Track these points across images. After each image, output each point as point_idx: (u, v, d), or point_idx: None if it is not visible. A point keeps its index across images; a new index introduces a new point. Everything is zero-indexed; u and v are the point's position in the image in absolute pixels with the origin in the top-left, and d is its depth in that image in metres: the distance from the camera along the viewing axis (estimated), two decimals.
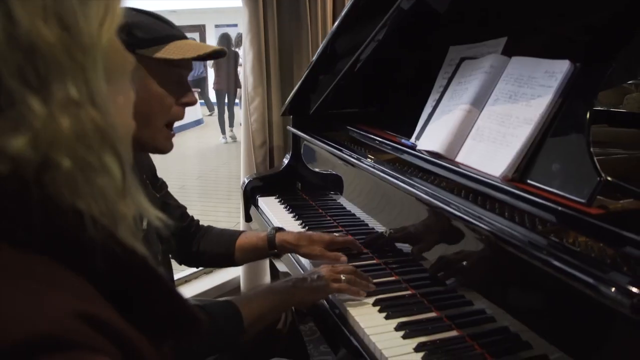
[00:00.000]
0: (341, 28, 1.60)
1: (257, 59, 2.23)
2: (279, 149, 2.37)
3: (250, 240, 1.46)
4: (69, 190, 0.38)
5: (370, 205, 1.49)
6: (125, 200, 0.42)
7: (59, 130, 0.37)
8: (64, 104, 0.38)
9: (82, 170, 0.39)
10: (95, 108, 0.40)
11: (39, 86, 0.37)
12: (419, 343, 0.97)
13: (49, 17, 0.38)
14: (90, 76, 0.40)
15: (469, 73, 1.31)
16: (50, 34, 0.38)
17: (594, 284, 0.72)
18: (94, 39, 0.41)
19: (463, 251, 1.06)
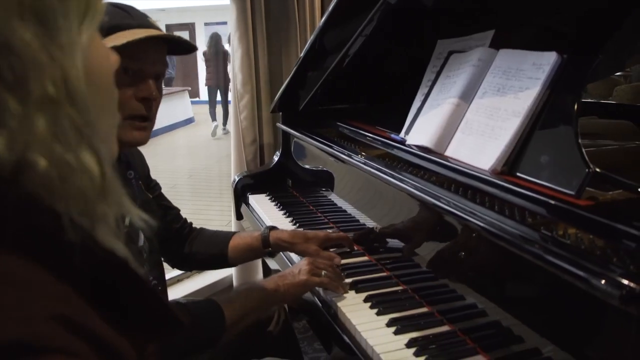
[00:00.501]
0: (329, 23, 1.59)
1: (245, 56, 2.21)
2: (269, 146, 2.36)
3: (245, 240, 1.44)
4: (46, 190, 0.37)
5: (361, 202, 1.49)
6: (105, 200, 0.41)
7: (34, 129, 0.36)
8: (41, 103, 0.37)
9: (59, 170, 0.38)
10: (74, 106, 0.39)
11: (16, 84, 0.36)
12: (411, 339, 0.96)
13: (26, 14, 0.37)
14: (69, 74, 0.39)
15: (457, 67, 1.31)
16: (26, 32, 0.37)
17: (583, 276, 0.71)
18: (73, 37, 0.41)
19: (453, 246, 1.05)
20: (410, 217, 1.20)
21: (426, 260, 1.13)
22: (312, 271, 1.20)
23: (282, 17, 2.29)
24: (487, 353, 0.93)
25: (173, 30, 13.96)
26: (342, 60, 1.68)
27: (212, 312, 1.10)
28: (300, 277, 1.19)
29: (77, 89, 0.40)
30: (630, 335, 0.64)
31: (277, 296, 1.19)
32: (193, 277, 2.54)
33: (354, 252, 1.40)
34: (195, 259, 1.46)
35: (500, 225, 0.89)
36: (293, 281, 1.19)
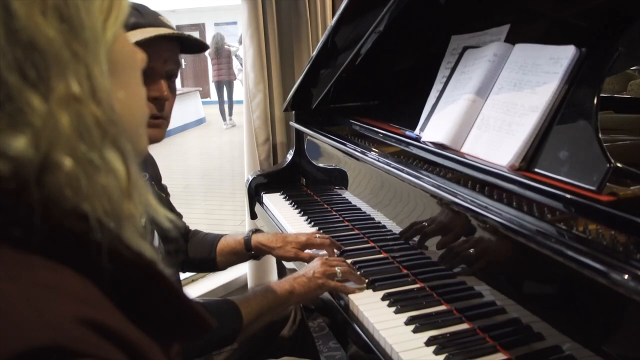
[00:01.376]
0: (341, 21, 1.58)
1: (257, 56, 2.21)
2: (282, 145, 2.36)
3: (229, 244, 1.44)
4: (72, 190, 0.37)
5: (376, 199, 1.48)
6: (131, 199, 0.41)
7: (59, 127, 0.36)
8: (65, 100, 0.37)
9: (85, 169, 0.37)
10: (97, 104, 0.39)
11: (39, 82, 0.36)
12: (430, 337, 0.96)
13: (49, 10, 0.37)
14: (92, 71, 0.39)
15: (472, 62, 1.30)
16: (49, 29, 0.37)
17: (606, 272, 0.71)
18: (97, 34, 0.40)
19: (471, 243, 1.05)
20: (427, 214, 1.20)
21: (444, 257, 1.13)
22: (326, 272, 1.20)
23: (293, 15, 2.29)
24: (507, 351, 0.92)
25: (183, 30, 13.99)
26: (355, 58, 1.67)
27: (230, 312, 1.11)
28: (316, 280, 1.19)
29: (102, 86, 0.39)
30: None
31: (292, 298, 1.20)
32: (208, 277, 2.55)
33: (369, 250, 1.39)
34: (186, 262, 1.46)
35: (519, 222, 0.89)
36: (309, 284, 1.19)
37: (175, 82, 1.14)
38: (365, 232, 1.49)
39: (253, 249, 1.42)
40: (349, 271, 1.21)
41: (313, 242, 1.39)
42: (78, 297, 0.35)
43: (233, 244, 1.44)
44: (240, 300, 1.14)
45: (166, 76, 1.09)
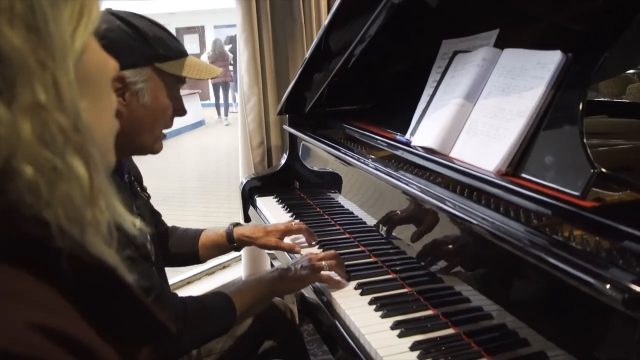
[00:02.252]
0: (333, 24, 1.58)
1: (252, 59, 2.21)
2: (277, 148, 2.35)
3: (211, 237, 1.53)
4: (33, 197, 0.37)
5: (368, 204, 1.48)
6: (95, 206, 0.41)
7: (21, 135, 0.36)
8: (29, 108, 0.37)
9: (47, 176, 0.38)
10: (63, 111, 0.39)
11: (4, 89, 0.36)
12: (415, 342, 0.96)
13: (16, 20, 0.37)
14: (59, 80, 0.39)
15: (461, 67, 1.30)
16: (16, 38, 0.37)
17: (587, 280, 0.70)
18: (65, 43, 0.41)
19: (458, 248, 1.05)
20: (416, 220, 1.19)
21: (430, 262, 1.13)
22: (314, 266, 1.26)
23: (288, 18, 2.29)
24: (491, 356, 0.92)
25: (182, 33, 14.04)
26: (348, 61, 1.67)
27: (224, 305, 1.20)
28: (303, 272, 1.26)
29: (68, 95, 0.40)
30: (635, 339, 0.63)
31: (280, 290, 1.31)
32: (203, 279, 2.55)
33: (358, 254, 1.39)
34: (169, 258, 1.50)
35: (503, 227, 0.88)
36: (296, 276, 1.26)
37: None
38: (356, 236, 1.49)
39: (235, 241, 1.51)
40: (336, 265, 1.27)
41: (291, 228, 1.52)
42: (31, 302, 0.35)
43: (215, 237, 1.52)
44: (233, 293, 1.22)
45: None
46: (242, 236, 1.51)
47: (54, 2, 0.40)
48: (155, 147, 1.16)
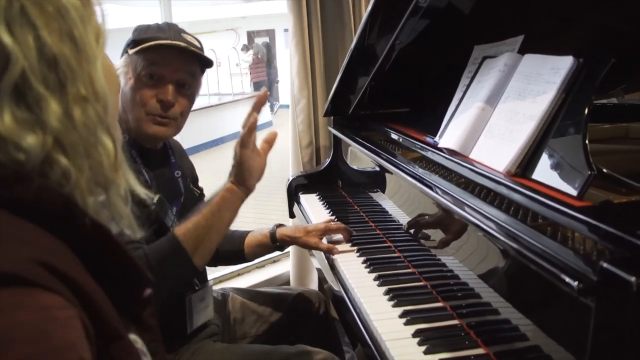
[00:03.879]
0: (368, 28, 1.66)
1: (302, 63, 2.32)
2: (325, 148, 2.45)
3: (257, 238, 1.59)
4: (65, 179, 0.51)
5: (399, 202, 1.54)
6: (118, 172, 0.57)
7: (73, 119, 0.51)
8: (76, 99, 0.52)
9: (86, 148, 0.53)
10: (98, 102, 0.54)
11: (58, 88, 0.51)
12: (417, 329, 1.02)
13: (64, 37, 0.52)
14: (93, 78, 0.54)
15: (487, 72, 1.34)
16: (66, 49, 0.52)
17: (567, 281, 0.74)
18: (94, 50, 0.56)
19: (468, 246, 1.10)
20: (439, 221, 1.25)
21: (446, 256, 1.19)
22: None
23: (338, 23, 2.38)
24: (488, 347, 0.97)
25: (254, 36, 14.42)
26: (384, 65, 1.74)
27: (169, 246, 1.16)
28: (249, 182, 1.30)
29: (100, 89, 0.55)
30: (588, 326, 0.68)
31: (226, 206, 1.24)
32: (253, 272, 2.68)
33: (386, 249, 1.46)
34: (216, 256, 1.58)
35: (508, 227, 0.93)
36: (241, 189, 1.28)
37: (191, 91, 1.30)
38: (384, 233, 1.56)
39: (278, 240, 1.56)
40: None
41: (330, 228, 1.57)
42: (42, 248, 0.47)
43: (260, 237, 1.58)
44: (178, 230, 1.19)
45: (176, 84, 1.28)
46: (284, 236, 1.56)
47: (84, 19, 0.55)
48: (143, 127, 1.28)
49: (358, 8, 2.40)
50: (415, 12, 1.52)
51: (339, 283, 1.35)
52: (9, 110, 0.49)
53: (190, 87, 1.32)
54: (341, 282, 1.34)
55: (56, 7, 0.52)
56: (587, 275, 0.69)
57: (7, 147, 0.48)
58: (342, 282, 1.34)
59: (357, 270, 1.34)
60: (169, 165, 1.42)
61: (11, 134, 0.48)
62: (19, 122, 0.49)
